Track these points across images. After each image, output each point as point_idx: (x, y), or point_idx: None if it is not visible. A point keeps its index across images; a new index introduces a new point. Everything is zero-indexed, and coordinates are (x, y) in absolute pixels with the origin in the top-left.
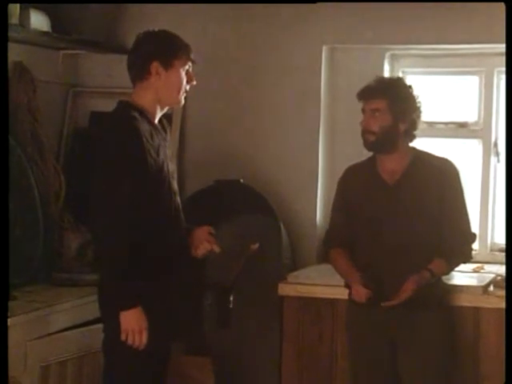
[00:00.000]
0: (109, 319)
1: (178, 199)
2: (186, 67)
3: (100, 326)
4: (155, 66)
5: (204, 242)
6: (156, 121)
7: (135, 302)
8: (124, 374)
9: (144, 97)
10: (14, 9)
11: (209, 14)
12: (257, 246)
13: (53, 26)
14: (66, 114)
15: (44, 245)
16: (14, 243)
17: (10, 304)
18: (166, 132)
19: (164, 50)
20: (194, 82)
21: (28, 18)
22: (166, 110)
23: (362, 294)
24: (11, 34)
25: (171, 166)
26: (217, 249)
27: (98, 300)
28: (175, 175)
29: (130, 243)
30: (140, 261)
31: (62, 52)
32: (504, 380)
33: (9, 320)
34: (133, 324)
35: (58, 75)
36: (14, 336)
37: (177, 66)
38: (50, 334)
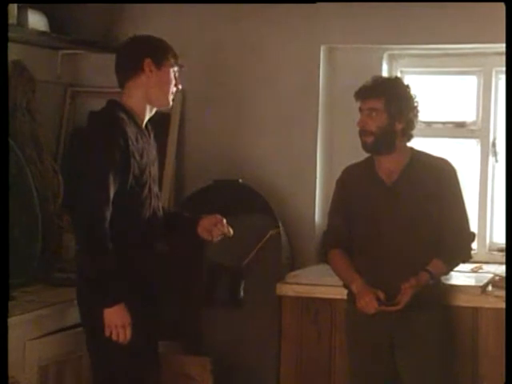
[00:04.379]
0: (88, 318)
1: (158, 202)
2: (175, 69)
3: None
4: (148, 62)
5: (218, 225)
6: (144, 124)
7: (118, 299)
8: (110, 372)
9: (134, 96)
10: (12, 9)
11: (207, 14)
12: (275, 231)
13: (51, 26)
14: (64, 114)
15: (43, 245)
16: (13, 243)
17: (9, 304)
18: (150, 136)
19: (156, 48)
20: (180, 87)
21: (26, 17)
22: (153, 112)
23: (372, 307)
24: (9, 33)
25: (153, 170)
26: (230, 231)
27: (77, 300)
28: (156, 179)
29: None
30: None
31: (60, 52)
32: (504, 380)
33: (8, 320)
34: (116, 320)
35: (56, 75)
36: (13, 336)
37: (167, 66)
38: (48, 334)
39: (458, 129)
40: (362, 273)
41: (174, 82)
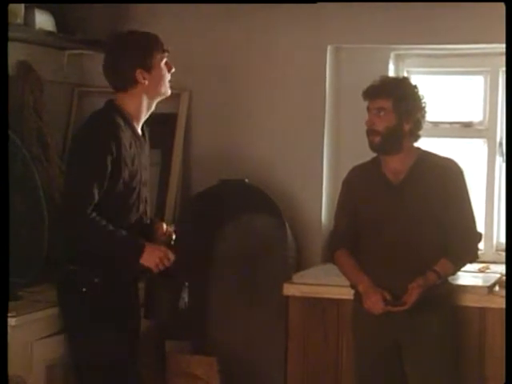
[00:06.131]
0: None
1: (146, 207)
2: (164, 60)
3: None
4: (140, 73)
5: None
6: (139, 127)
7: (139, 245)
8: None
9: (131, 101)
10: (19, 9)
11: (213, 14)
12: (172, 228)
13: (58, 26)
14: (71, 113)
15: (49, 245)
16: (19, 243)
17: (16, 304)
18: (145, 140)
19: (143, 53)
20: (173, 69)
21: (33, 17)
22: (151, 111)
23: (379, 307)
24: (16, 33)
25: (144, 175)
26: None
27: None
28: (147, 183)
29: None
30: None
31: (67, 52)
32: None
33: (14, 320)
34: (155, 259)
35: (63, 75)
36: (20, 336)
37: (157, 64)
38: (55, 334)
39: (464, 129)
40: (368, 273)
41: (166, 72)
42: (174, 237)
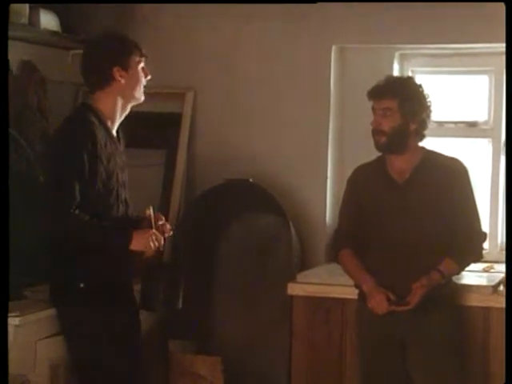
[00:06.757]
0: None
1: (127, 209)
2: (142, 64)
3: None
4: (117, 70)
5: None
6: (114, 129)
7: (127, 232)
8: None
9: (107, 102)
10: (24, 9)
11: (219, 14)
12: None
13: (62, 26)
14: None
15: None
16: (23, 242)
17: (20, 303)
18: (119, 143)
19: (121, 52)
20: (149, 77)
21: (38, 17)
22: (124, 116)
23: (383, 307)
24: (21, 33)
25: (122, 176)
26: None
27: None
28: (126, 185)
29: None
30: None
31: (71, 52)
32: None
33: (18, 319)
34: (145, 244)
35: (67, 75)
36: (24, 335)
37: (134, 65)
38: (59, 334)
39: (469, 128)
40: (372, 272)
41: (143, 75)
42: (168, 227)
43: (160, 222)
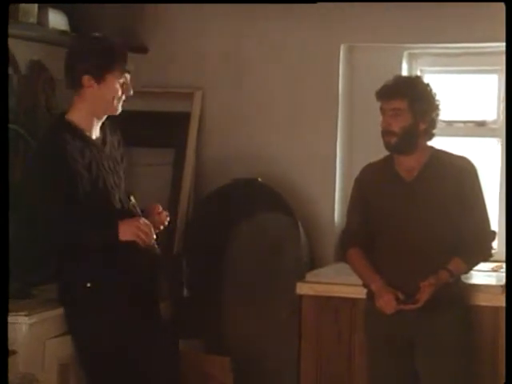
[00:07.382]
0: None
1: (126, 207)
2: (122, 80)
3: None
4: (86, 79)
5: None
6: (94, 133)
7: (113, 220)
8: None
9: (79, 110)
10: (32, 8)
11: (227, 14)
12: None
13: (71, 26)
14: None
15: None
16: (29, 241)
17: (29, 302)
18: (105, 143)
19: (96, 64)
20: (131, 93)
21: (46, 17)
22: (104, 119)
23: (391, 307)
24: (29, 33)
25: (111, 178)
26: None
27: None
28: (121, 184)
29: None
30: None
31: None
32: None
33: (27, 318)
34: (132, 233)
35: None
36: (33, 334)
37: (110, 79)
38: (68, 333)
39: (478, 128)
40: (381, 271)
41: (120, 90)
42: (167, 218)
43: (159, 210)
